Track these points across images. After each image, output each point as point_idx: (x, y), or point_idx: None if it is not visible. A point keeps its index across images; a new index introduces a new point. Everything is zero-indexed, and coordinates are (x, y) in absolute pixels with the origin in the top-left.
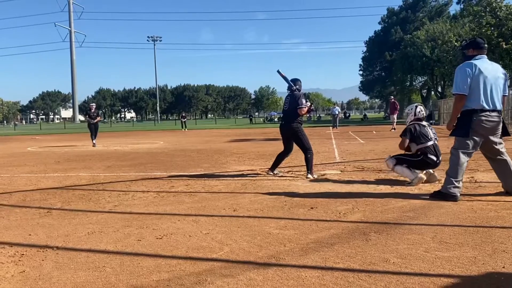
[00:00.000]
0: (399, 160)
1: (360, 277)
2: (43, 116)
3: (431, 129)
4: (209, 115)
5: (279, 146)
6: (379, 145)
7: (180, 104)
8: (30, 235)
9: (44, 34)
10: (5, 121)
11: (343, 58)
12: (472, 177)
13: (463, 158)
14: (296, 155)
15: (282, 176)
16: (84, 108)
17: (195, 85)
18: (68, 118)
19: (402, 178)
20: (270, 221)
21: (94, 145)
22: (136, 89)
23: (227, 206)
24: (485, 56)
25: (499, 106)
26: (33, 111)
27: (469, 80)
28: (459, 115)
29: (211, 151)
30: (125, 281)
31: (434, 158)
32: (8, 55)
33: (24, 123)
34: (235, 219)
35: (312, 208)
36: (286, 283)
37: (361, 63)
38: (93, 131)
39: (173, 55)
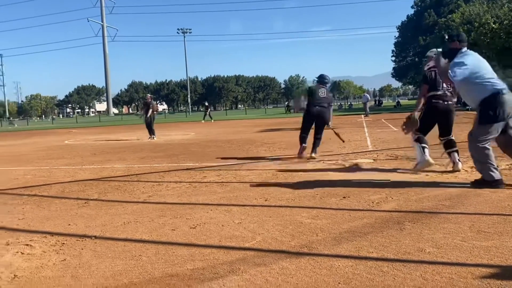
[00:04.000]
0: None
1: (395, 267)
2: (79, 110)
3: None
4: (239, 106)
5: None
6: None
7: (210, 95)
8: (69, 225)
9: (78, 30)
10: (43, 116)
11: (375, 44)
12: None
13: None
14: (328, 144)
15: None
16: (117, 101)
17: (225, 76)
18: (103, 111)
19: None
20: (301, 210)
21: (152, 138)
22: (167, 82)
23: (258, 195)
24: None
25: None
26: (69, 105)
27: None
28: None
29: (241, 141)
30: (160, 270)
31: (440, 101)
32: (45, 51)
33: (61, 117)
34: (267, 208)
35: (344, 197)
36: (319, 272)
37: (394, 49)
38: (150, 124)
39: (203, 47)
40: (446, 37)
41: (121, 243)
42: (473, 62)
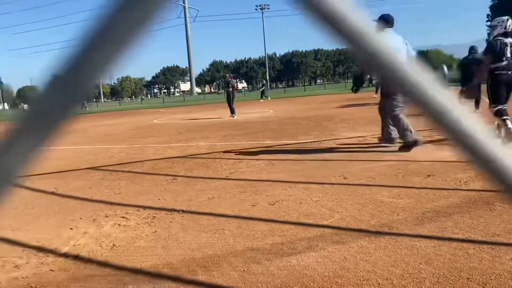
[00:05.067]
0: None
1: (482, 249)
2: (165, 90)
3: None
4: (318, 81)
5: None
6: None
7: (288, 71)
8: (159, 199)
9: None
10: (133, 96)
11: (467, 8)
12: None
13: None
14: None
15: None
16: (200, 81)
17: (303, 51)
18: (187, 91)
19: None
20: (382, 189)
21: (233, 116)
22: (246, 60)
23: (337, 173)
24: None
25: None
26: (156, 85)
27: None
28: None
29: (320, 118)
30: (242, 243)
31: (504, 72)
32: None
33: (149, 97)
34: (346, 187)
35: (428, 176)
36: (399, 252)
37: (489, 13)
38: (231, 101)
39: (281, 22)
40: None
41: (205, 217)
42: None
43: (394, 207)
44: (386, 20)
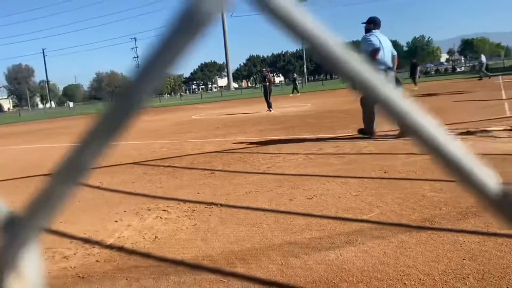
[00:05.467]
0: None
1: None
2: (203, 86)
3: None
4: None
5: (434, 102)
6: None
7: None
8: (198, 193)
9: None
10: (172, 93)
11: None
12: None
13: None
14: (455, 111)
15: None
16: (237, 76)
17: (343, 42)
18: (224, 86)
19: None
20: (424, 183)
21: (270, 110)
22: (283, 53)
23: (377, 167)
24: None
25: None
26: (194, 82)
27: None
28: None
29: (359, 110)
30: (280, 237)
31: None
32: None
33: (187, 94)
34: (386, 181)
35: None
36: (442, 247)
37: None
38: (268, 95)
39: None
40: None
41: (243, 211)
42: None
43: (436, 202)
44: (373, 22)
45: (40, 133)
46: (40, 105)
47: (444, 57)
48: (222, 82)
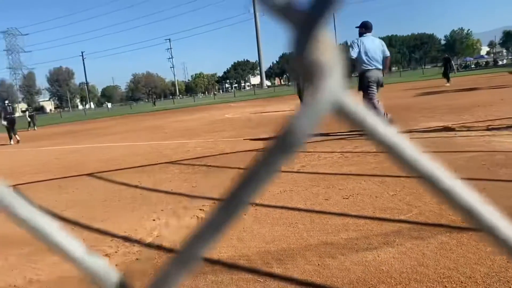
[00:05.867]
0: None
1: None
2: (236, 85)
3: None
4: (393, 69)
5: (476, 97)
6: None
7: None
8: None
9: (232, 8)
10: (206, 92)
11: None
12: None
13: None
14: (498, 105)
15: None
16: (270, 74)
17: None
18: (257, 84)
19: None
20: (465, 182)
21: None
22: None
23: None
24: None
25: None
26: (228, 80)
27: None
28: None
29: (397, 107)
30: (315, 237)
31: None
32: (204, 32)
33: (221, 92)
34: None
35: None
36: (484, 249)
37: None
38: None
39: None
40: None
41: (278, 210)
42: None
43: None
44: (365, 27)
45: (81, 134)
46: (80, 106)
47: (484, 50)
48: (255, 80)
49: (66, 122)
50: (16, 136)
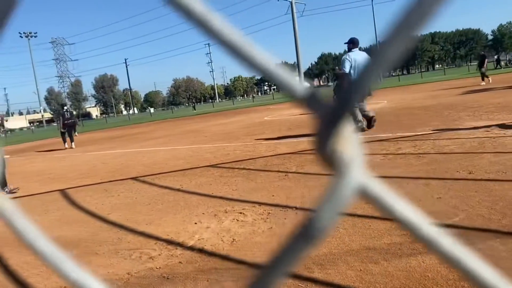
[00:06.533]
0: None
1: None
2: (274, 87)
3: None
4: (436, 66)
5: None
6: None
7: (402, 58)
8: (273, 196)
9: (269, 11)
10: (245, 95)
11: None
12: None
13: None
14: None
15: None
16: (308, 75)
17: (418, 35)
18: None
19: None
20: None
21: None
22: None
23: (461, 168)
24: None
25: None
26: (266, 83)
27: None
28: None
29: (440, 106)
30: (357, 242)
31: None
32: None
33: (260, 95)
34: (472, 182)
35: None
36: None
37: None
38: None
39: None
40: None
41: None
42: None
43: None
44: (352, 42)
45: (125, 138)
46: (124, 112)
47: None
48: None
49: (111, 127)
50: (72, 143)
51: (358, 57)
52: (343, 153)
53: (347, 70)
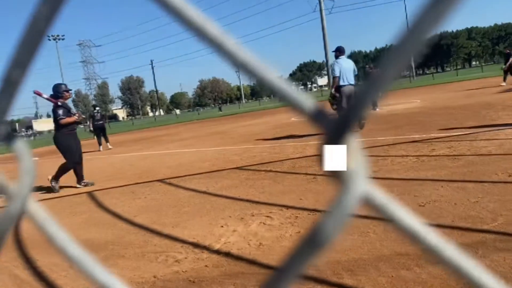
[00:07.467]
0: None
1: None
2: (302, 86)
3: None
4: (473, 63)
5: None
6: None
7: (437, 55)
8: (301, 199)
9: (296, 9)
10: (272, 95)
11: None
12: None
13: None
14: None
15: None
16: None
17: (454, 31)
18: (324, 85)
19: None
20: None
21: (375, 109)
22: (388, 46)
23: (500, 170)
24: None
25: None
26: (294, 82)
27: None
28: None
29: (477, 106)
30: (389, 247)
31: None
32: (269, 35)
33: None
34: (511, 185)
35: None
36: None
37: None
38: None
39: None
40: None
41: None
42: None
43: None
44: (339, 51)
45: (151, 140)
46: (150, 113)
47: None
48: (322, 81)
49: (138, 129)
50: (108, 144)
51: (344, 63)
52: (348, 165)
53: (337, 74)
